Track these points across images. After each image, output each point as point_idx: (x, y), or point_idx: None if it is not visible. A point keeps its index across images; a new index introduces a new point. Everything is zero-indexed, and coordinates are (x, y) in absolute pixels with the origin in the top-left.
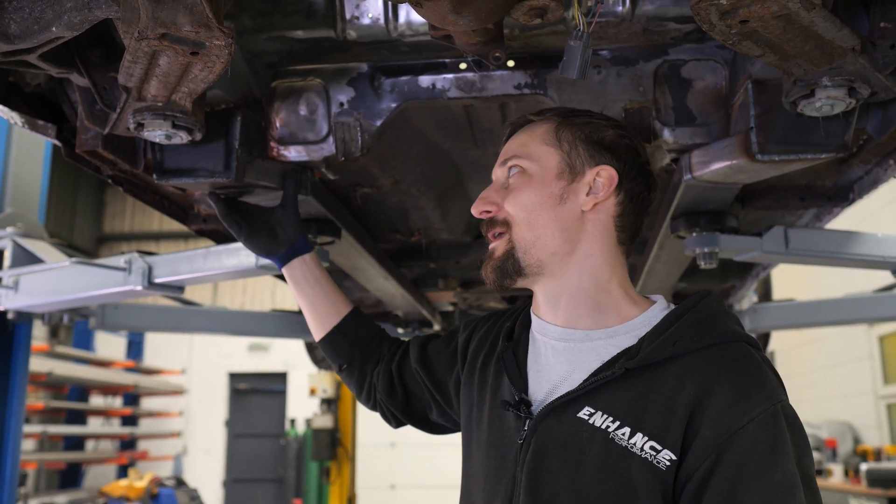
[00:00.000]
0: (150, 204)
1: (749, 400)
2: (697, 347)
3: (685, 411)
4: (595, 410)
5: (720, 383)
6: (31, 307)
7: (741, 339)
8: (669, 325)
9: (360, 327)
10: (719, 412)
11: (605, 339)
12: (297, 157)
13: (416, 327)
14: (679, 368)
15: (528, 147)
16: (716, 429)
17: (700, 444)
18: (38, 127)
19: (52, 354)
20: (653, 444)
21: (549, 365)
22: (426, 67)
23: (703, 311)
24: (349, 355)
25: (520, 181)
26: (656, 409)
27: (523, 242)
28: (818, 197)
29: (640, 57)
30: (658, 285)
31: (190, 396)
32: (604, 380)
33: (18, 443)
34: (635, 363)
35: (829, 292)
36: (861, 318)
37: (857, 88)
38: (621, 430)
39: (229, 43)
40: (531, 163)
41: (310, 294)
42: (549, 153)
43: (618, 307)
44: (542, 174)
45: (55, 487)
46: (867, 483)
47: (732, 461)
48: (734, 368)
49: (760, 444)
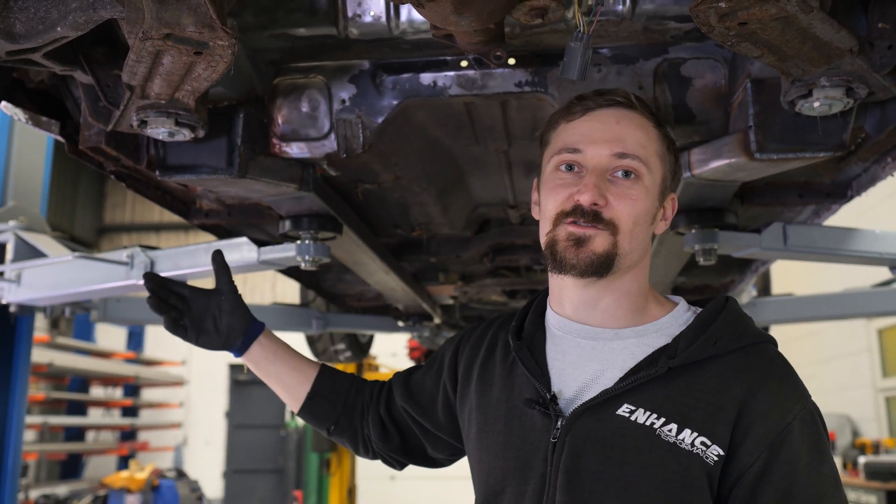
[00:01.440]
0: (153, 199)
1: (790, 399)
2: (735, 348)
3: (733, 409)
4: (636, 407)
5: (764, 383)
6: (33, 301)
7: (769, 340)
8: (706, 326)
9: (334, 383)
10: (767, 411)
11: (636, 337)
12: (298, 153)
13: (416, 321)
14: (719, 367)
15: (647, 150)
16: (766, 426)
17: (752, 441)
18: (42, 123)
19: (53, 345)
20: (703, 439)
21: (576, 363)
22: (427, 65)
23: (733, 312)
24: (333, 416)
25: (637, 191)
26: (702, 405)
27: (622, 251)
28: (817, 194)
29: (640, 55)
30: (657, 280)
31: (190, 387)
32: (646, 377)
33: (20, 434)
34: (678, 361)
35: (828, 286)
36: (860, 312)
37: (855, 88)
38: (668, 427)
39: (232, 43)
40: (649, 173)
41: (274, 371)
42: (659, 168)
43: (647, 308)
44: (653, 190)
45: (56, 478)
46: (865, 476)
47: (786, 458)
48: (773, 369)
49: (807, 441)
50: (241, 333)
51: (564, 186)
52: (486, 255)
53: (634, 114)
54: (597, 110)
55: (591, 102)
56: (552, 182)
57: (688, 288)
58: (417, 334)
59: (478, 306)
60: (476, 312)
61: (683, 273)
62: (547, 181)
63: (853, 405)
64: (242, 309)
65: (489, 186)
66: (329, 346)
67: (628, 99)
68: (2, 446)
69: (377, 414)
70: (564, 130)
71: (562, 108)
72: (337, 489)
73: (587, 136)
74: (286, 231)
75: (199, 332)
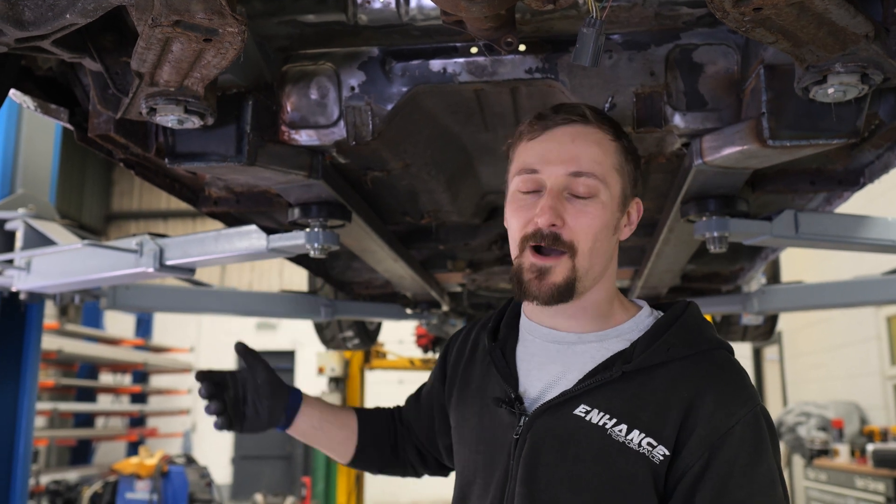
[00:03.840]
0: (162, 187)
1: (735, 403)
2: (688, 354)
3: (680, 412)
4: (592, 408)
5: (710, 387)
6: (43, 288)
7: (723, 346)
8: (661, 333)
9: (375, 428)
10: (711, 413)
11: (598, 341)
12: (308, 140)
13: (424, 308)
14: (670, 372)
15: (603, 166)
16: (709, 428)
17: (695, 442)
18: (51, 111)
19: (62, 332)
20: (650, 440)
21: (541, 364)
22: (437, 52)
23: (690, 319)
24: (381, 461)
25: (594, 208)
26: (651, 408)
27: (582, 271)
28: (829, 181)
29: (651, 41)
30: (667, 268)
31: None
32: (601, 381)
33: (32, 420)
34: (632, 367)
35: (838, 274)
36: (870, 300)
37: (870, 74)
38: (618, 427)
39: (242, 30)
40: (606, 189)
41: (322, 438)
42: (617, 181)
43: (612, 314)
44: (612, 204)
45: (66, 464)
46: (873, 463)
47: (724, 459)
48: (721, 374)
49: (747, 443)
50: (283, 411)
51: (525, 209)
52: (494, 243)
53: (591, 129)
54: (554, 129)
55: (550, 121)
56: (514, 204)
57: (697, 275)
58: (425, 322)
59: (486, 294)
60: (484, 300)
61: (693, 261)
62: (510, 202)
63: (861, 393)
64: (281, 389)
65: (498, 174)
66: (337, 334)
67: (584, 116)
68: (13, 432)
69: (412, 444)
70: (524, 150)
71: (525, 124)
72: (345, 475)
73: (543, 156)
74: (295, 219)
75: (242, 419)
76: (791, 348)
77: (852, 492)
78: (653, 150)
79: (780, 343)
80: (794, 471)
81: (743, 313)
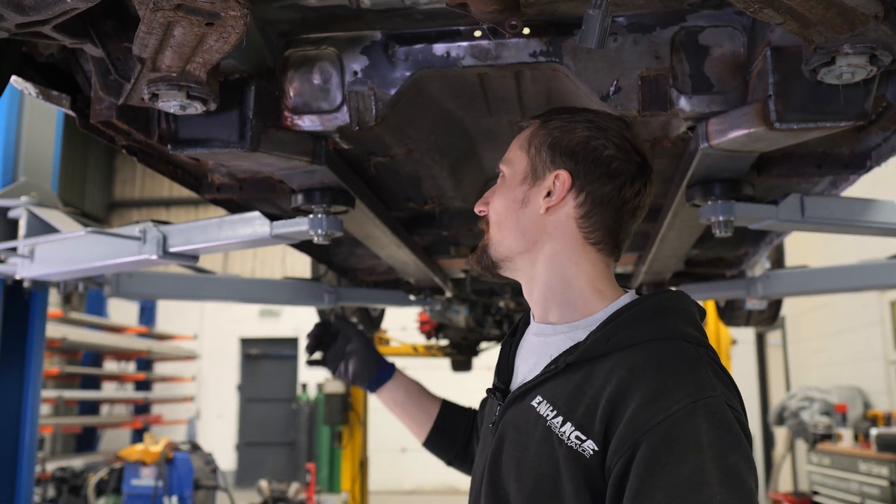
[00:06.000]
0: (164, 173)
1: (668, 398)
2: (630, 344)
3: (607, 406)
4: (543, 399)
5: (641, 380)
6: (46, 276)
7: (678, 336)
8: (608, 322)
9: (455, 418)
10: (637, 409)
11: (566, 333)
12: (310, 126)
13: (427, 294)
14: (611, 364)
15: (511, 151)
16: (632, 426)
17: (617, 440)
18: (52, 97)
19: (66, 320)
20: (578, 433)
21: (526, 357)
22: (440, 35)
23: (648, 308)
24: (453, 450)
25: (497, 186)
26: (586, 401)
27: (493, 241)
28: (835, 164)
29: (657, 24)
30: (671, 253)
31: (202, 361)
32: (549, 372)
33: (37, 408)
34: (573, 358)
35: (842, 258)
36: (874, 284)
37: (879, 56)
38: (556, 419)
39: (244, 14)
40: (507, 167)
41: (400, 412)
42: (520, 158)
43: (585, 303)
44: (512, 178)
45: (71, 451)
46: (877, 447)
47: (644, 457)
48: (658, 366)
49: (672, 441)
50: (368, 379)
51: None
52: None
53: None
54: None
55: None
56: None
57: (701, 260)
58: (429, 308)
59: (489, 280)
60: (487, 286)
61: (697, 245)
62: None
63: (865, 377)
64: (372, 362)
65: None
66: None
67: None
68: (19, 420)
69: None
70: None
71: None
72: (349, 461)
73: None
74: (298, 205)
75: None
76: (794, 333)
77: (856, 476)
78: (658, 134)
79: (783, 328)
80: (797, 455)
81: (747, 298)
